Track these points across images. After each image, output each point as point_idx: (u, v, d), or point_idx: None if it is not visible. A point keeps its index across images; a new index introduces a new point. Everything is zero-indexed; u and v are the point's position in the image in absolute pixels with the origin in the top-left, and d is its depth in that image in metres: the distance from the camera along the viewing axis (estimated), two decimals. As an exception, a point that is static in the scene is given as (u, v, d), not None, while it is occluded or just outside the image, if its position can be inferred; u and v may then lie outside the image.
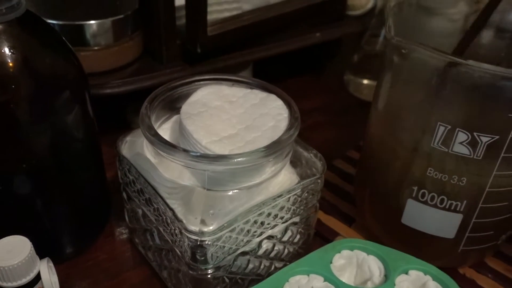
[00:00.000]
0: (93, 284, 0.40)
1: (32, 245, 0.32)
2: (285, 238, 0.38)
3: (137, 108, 0.56)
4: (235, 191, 0.34)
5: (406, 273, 0.35)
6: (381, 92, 0.40)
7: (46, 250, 0.34)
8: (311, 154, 0.38)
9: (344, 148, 0.55)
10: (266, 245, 0.37)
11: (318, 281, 0.34)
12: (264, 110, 0.36)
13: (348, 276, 0.36)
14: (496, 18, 0.45)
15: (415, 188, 0.37)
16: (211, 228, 0.32)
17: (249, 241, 0.35)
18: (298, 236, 0.39)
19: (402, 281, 0.35)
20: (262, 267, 0.38)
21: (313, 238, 0.42)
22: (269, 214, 0.35)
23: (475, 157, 0.34)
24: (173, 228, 0.33)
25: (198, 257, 0.32)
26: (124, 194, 0.40)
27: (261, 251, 0.37)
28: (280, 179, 0.36)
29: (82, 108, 0.36)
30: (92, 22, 0.46)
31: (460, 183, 0.35)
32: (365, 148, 0.45)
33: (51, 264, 0.35)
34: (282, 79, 0.60)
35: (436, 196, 0.37)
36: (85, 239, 0.42)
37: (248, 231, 0.34)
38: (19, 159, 0.34)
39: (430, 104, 0.35)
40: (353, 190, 0.48)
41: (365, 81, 0.64)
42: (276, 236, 0.37)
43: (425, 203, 0.37)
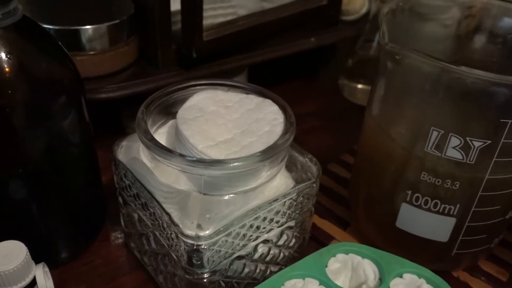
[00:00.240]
0: (89, 289, 0.40)
1: (27, 250, 0.32)
2: (281, 242, 0.38)
3: (132, 113, 0.56)
4: (231, 195, 0.34)
5: (401, 277, 0.36)
6: (375, 97, 0.40)
7: (41, 254, 0.34)
8: (306, 158, 0.38)
9: (338, 152, 0.56)
10: (261, 249, 0.37)
11: (313, 285, 0.34)
12: (259, 115, 0.37)
13: (343, 280, 0.36)
14: (488, 23, 0.46)
15: (409, 192, 0.38)
16: (207, 232, 0.32)
17: (245, 245, 0.35)
18: (293, 240, 0.39)
19: (397, 284, 0.35)
20: (257, 271, 0.38)
21: (308, 242, 0.42)
22: (264, 218, 0.35)
23: (468, 161, 0.34)
24: (169, 232, 0.34)
25: (195, 261, 0.33)
26: (120, 199, 0.40)
27: (256, 255, 0.37)
28: (276, 183, 0.36)
29: (78, 112, 0.36)
30: (88, 27, 0.46)
31: (453, 187, 0.36)
32: (360, 153, 0.45)
33: (47, 269, 0.35)
34: (277, 84, 0.60)
35: (429, 200, 0.37)
36: (80, 243, 0.42)
37: (244, 235, 0.34)
38: (15, 164, 0.34)
39: (423, 109, 0.35)
40: (348, 194, 0.48)
41: (359, 86, 0.65)
42: (271, 240, 0.37)
43: (419, 207, 0.38)
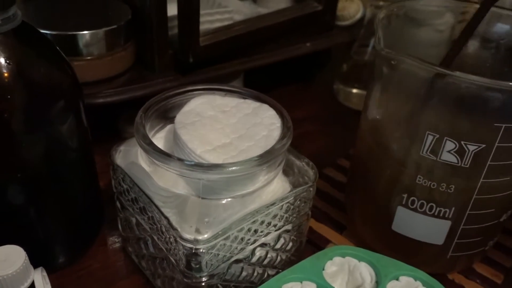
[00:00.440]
0: (87, 293, 0.40)
1: (26, 254, 0.32)
2: (278, 246, 0.38)
3: (128, 117, 0.56)
4: (229, 199, 0.34)
5: (397, 279, 0.36)
6: (370, 102, 0.40)
7: (39, 259, 0.34)
8: (303, 162, 0.39)
9: (334, 157, 0.56)
10: (259, 252, 0.37)
11: (310, 288, 0.34)
12: (257, 119, 0.37)
13: (340, 283, 0.37)
14: (481, 29, 0.46)
15: (405, 196, 0.38)
16: (205, 236, 0.32)
17: (243, 249, 0.35)
18: (290, 244, 0.40)
19: (393, 287, 0.35)
20: (255, 274, 0.38)
21: (305, 246, 0.43)
22: (262, 222, 0.35)
23: (462, 165, 0.35)
24: (167, 236, 0.34)
25: (193, 265, 0.33)
26: (118, 203, 0.40)
27: (254, 259, 0.37)
28: (273, 187, 0.36)
29: (77, 117, 0.36)
30: (85, 32, 0.46)
31: (449, 190, 0.36)
32: (356, 157, 0.45)
33: (45, 274, 0.35)
34: (273, 89, 0.60)
35: (425, 203, 0.38)
36: (78, 248, 0.42)
37: (242, 239, 0.35)
38: (13, 169, 0.34)
39: (419, 114, 0.36)
40: (344, 198, 0.49)
41: (354, 90, 0.65)
42: (269, 243, 0.37)
43: (415, 210, 0.38)
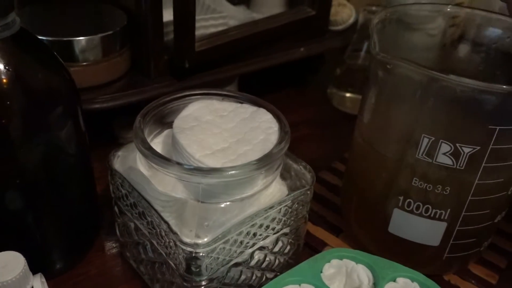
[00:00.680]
0: (85, 299, 0.40)
1: (25, 261, 0.32)
2: (276, 249, 0.39)
3: (124, 123, 0.57)
4: (228, 203, 0.34)
5: (394, 281, 0.36)
6: (366, 106, 0.41)
7: (36, 265, 0.34)
8: (300, 166, 0.39)
9: (329, 160, 0.56)
10: (258, 256, 0.37)
11: (309, 291, 0.34)
12: (254, 123, 0.37)
13: (337, 285, 0.37)
14: (472, 33, 0.47)
15: (401, 198, 0.39)
16: (205, 240, 0.32)
17: (242, 252, 0.36)
18: (288, 247, 0.40)
19: (391, 288, 0.36)
20: (254, 277, 0.38)
21: (302, 249, 0.43)
22: (261, 225, 0.36)
23: (458, 167, 0.35)
24: (167, 240, 0.34)
25: (193, 268, 0.33)
26: (116, 208, 0.40)
27: (253, 262, 0.37)
28: (271, 190, 0.37)
29: (75, 122, 0.36)
30: (81, 38, 0.46)
31: (444, 192, 0.37)
32: (351, 160, 0.46)
33: (44, 280, 0.35)
34: (267, 93, 0.60)
35: (421, 205, 0.38)
36: (75, 254, 0.42)
37: (241, 242, 0.35)
38: (13, 175, 0.34)
39: (414, 117, 0.36)
40: (340, 201, 0.49)
41: (347, 94, 0.66)
42: (267, 247, 0.38)
43: (411, 212, 0.39)
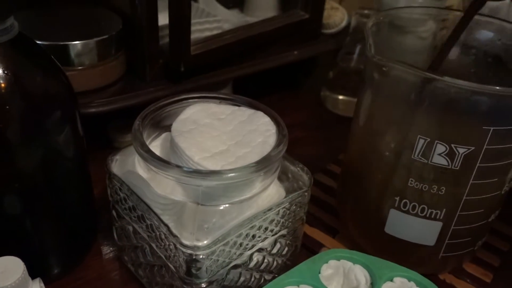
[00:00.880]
0: (83, 304, 0.40)
1: (25, 266, 0.32)
2: (275, 251, 0.39)
3: (119, 126, 0.57)
4: (227, 205, 0.34)
5: (391, 281, 0.37)
6: (361, 108, 0.41)
7: (35, 270, 0.34)
8: (298, 168, 0.39)
9: (323, 162, 0.57)
10: (256, 257, 0.38)
11: (308, 291, 0.35)
12: (252, 126, 0.38)
13: (335, 286, 0.37)
14: (464, 36, 0.48)
15: (397, 199, 0.39)
16: (205, 242, 0.33)
17: (241, 254, 0.36)
18: (286, 248, 0.40)
19: (388, 288, 0.36)
20: (252, 279, 0.39)
21: (299, 250, 0.43)
22: (260, 227, 0.36)
23: (453, 167, 0.36)
24: (167, 243, 0.34)
25: (194, 271, 0.33)
26: (114, 212, 0.40)
27: (252, 264, 0.37)
28: (269, 192, 0.37)
29: (73, 126, 0.37)
30: (77, 42, 0.46)
31: (440, 192, 0.37)
32: (347, 162, 0.46)
33: (42, 285, 0.35)
34: (261, 96, 0.61)
35: (417, 206, 0.39)
36: (73, 258, 0.42)
37: (241, 244, 0.35)
38: (12, 179, 0.34)
39: (410, 118, 0.37)
40: (336, 203, 0.50)
41: (340, 97, 0.67)
42: (266, 248, 0.38)
43: (407, 212, 0.39)
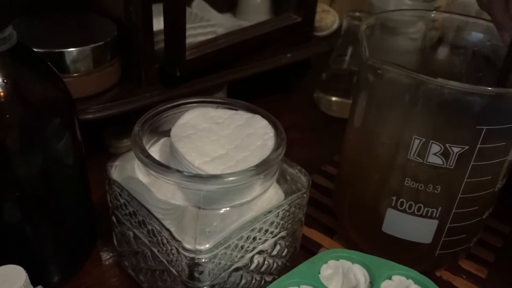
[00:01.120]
0: (85, 310, 0.40)
1: (27, 274, 0.32)
2: (275, 252, 0.39)
3: (114, 132, 0.57)
4: (228, 209, 0.35)
5: (390, 279, 0.37)
6: (357, 110, 0.42)
7: (35, 278, 0.34)
8: (296, 170, 0.40)
9: (319, 163, 0.57)
10: (257, 259, 0.38)
11: (309, 292, 0.35)
12: (250, 130, 0.38)
13: (335, 286, 0.38)
14: (450, 36, 0.49)
15: (394, 198, 0.40)
16: (207, 246, 0.33)
17: (242, 257, 0.36)
18: (286, 250, 0.41)
19: (387, 286, 0.37)
20: (253, 281, 0.39)
21: (298, 251, 0.44)
22: (260, 230, 0.36)
23: (447, 166, 0.37)
24: (169, 248, 0.34)
25: (196, 275, 0.33)
26: (114, 218, 0.40)
27: (253, 266, 0.38)
28: (268, 195, 0.38)
29: (73, 133, 0.37)
30: (72, 49, 0.46)
31: (435, 191, 0.38)
32: (343, 163, 0.47)
33: (44, 292, 0.35)
34: (255, 99, 0.61)
35: (413, 204, 0.39)
36: (73, 265, 0.42)
37: (242, 246, 0.35)
38: (12, 187, 0.34)
39: (405, 119, 0.38)
40: (333, 204, 0.50)
41: (334, 98, 0.67)
42: (266, 250, 0.38)
43: (404, 211, 0.40)
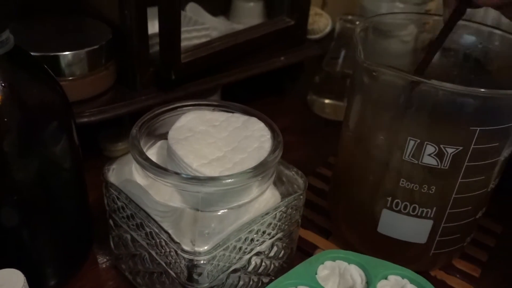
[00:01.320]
0: (82, 313, 0.40)
1: (25, 278, 0.32)
2: (272, 254, 0.40)
3: (109, 135, 0.57)
4: (226, 210, 0.35)
5: (386, 279, 0.38)
6: (352, 112, 0.43)
7: (31, 282, 0.34)
8: (292, 172, 0.40)
9: (313, 165, 0.58)
10: (255, 261, 0.38)
11: (306, 292, 0.36)
12: (247, 132, 0.38)
13: (331, 286, 0.38)
14: (448, 40, 0.49)
15: (389, 199, 0.40)
16: (206, 248, 0.33)
17: (240, 258, 0.36)
18: (283, 251, 0.41)
19: (383, 286, 0.37)
20: (251, 283, 0.39)
21: (294, 252, 0.44)
22: (258, 231, 0.36)
23: (442, 167, 0.37)
24: (168, 250, 0.34)
25: (195, 276, 0.34)
26: (111, 221, 0.40)
27: (250, 268, 0.38)
28: (265, 197, 0.38)
29: (70, 136, 0.37)
30: (67, 53, 0.46)
31: (430, 191, 0.39)
32: (338, 165, 0.47)
33: (42, 296, 0.35)
34: (249, 101, 0.61)
35: (408, 205, 0.40)
36: (70, 268, 0.42)
37: (240, 248, 0.36)
38: (10, 191, 0.34)
39: (399, 121, 0.38)
40: (328, 205, 0.51)
41: (327, 101, 0.68)
42: (264, 252, 0.39)
43: (399, 212, 0.40)
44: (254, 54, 0.60)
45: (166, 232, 0.34)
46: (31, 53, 0.44)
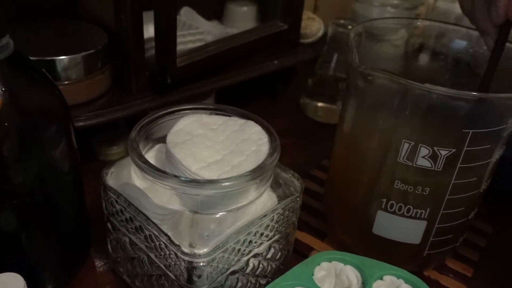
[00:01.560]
0: (80, 317, 0.40)
1: (25, 282, 0.32)
2: (269, 255, 0.40)
3: (104, 139, 0.57)
4: (224, 213, 0.35)
5: (381, 279, 0.38)
6: (346, 115, 0.43)
7: (29, 285, 0.34)
8: (289, 174, 0.41)
9: (307, 168, 0.58)
10: (252, 263, 0.39)
11: (303, 293, 0.36)
12: (244, 135, 0.39)
13: (328, 287, 0.39)
14: (430, 42, 0.51)
15: (384, 200, 0.41)
16: (205, 250, 0.34)
17: (238, 260, 0.37)
18: (279, 253, 0.41)
19: (379, 286, 0.38)
20: (248, 284, 0.40)
21: (291, 254, 0.44)
22: (256, 233, 0.37)
23: (436, 168, 0.38)
24: (167, 252, 0.35)
25: (195, 278, 0.34)
26: (109, 224, 0.41)
27: (248, 269, 0.39)
28: (263, 199, 0.38)
29: (69, 140, 0.37)
30: (64, 57, 0.46)
31: (424, 192, 0.39)
32: (333, 168, 0.48)
33: (41, 300, 0.35)
34: (243, 105, 0.62)
35: (403, 206, 0.41)
36: (68, 272, 0.42)
37: (239, 250, 0.36)
38: (10, 196, 0.34)
39: (394, 124, 0.39)
40: (323, 207, 0.51)
41: (320, 104, 0.69)
42: (261, 253, 0.39)
43: (394, 213, 0.41)
44: (248, 58, 0.60)
45: (166, 234, 0.34)
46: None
